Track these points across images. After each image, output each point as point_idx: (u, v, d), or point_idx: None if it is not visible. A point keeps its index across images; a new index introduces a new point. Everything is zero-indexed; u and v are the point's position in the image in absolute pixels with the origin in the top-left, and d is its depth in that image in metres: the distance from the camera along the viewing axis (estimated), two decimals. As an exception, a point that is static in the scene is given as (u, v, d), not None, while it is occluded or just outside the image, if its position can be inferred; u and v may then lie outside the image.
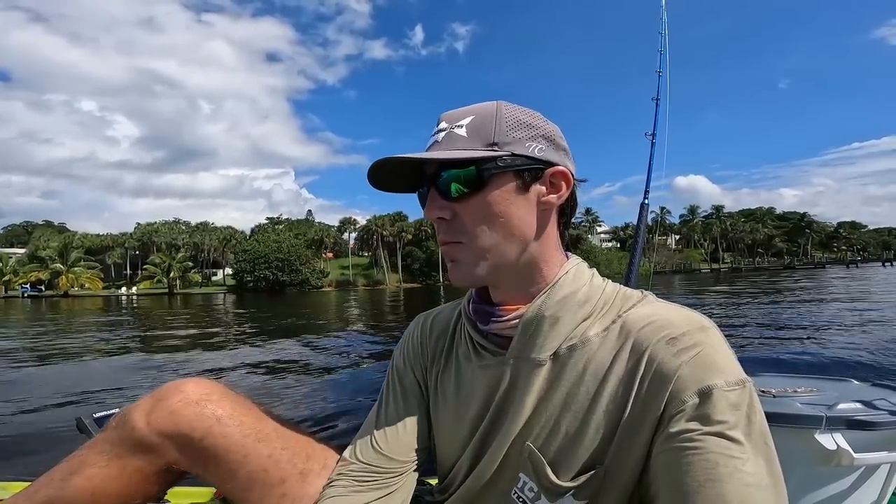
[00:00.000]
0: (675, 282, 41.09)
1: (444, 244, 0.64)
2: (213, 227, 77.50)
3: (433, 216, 0.63)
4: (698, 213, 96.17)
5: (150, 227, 72.04)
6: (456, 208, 0.61)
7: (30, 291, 58.09)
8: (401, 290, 56.39)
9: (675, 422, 0.52)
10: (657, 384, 0.54)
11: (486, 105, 0.63)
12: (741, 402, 0.51)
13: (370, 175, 0.62)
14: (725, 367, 0.53)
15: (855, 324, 8.89)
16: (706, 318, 0.59)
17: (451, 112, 0.65)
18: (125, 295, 57.15)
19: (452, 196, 0.61)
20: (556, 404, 0.61)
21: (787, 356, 6.12)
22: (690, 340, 0.55)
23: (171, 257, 63.52)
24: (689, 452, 0.49)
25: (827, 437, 1.11)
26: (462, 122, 0.62)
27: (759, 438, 0.50)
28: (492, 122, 0.61)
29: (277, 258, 59.70)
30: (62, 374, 7.09)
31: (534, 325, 0.62)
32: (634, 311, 0.62)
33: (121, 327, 15.12)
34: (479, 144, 0.60)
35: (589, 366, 0.60)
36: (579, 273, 0.65)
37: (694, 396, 0.51)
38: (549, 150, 0.62)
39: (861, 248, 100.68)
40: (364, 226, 74.05)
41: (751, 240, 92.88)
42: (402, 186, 0.67)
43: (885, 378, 2.31)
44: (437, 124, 0.64)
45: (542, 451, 0.60)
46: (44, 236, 70.28)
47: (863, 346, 6.50)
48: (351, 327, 13.45)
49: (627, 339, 0.59)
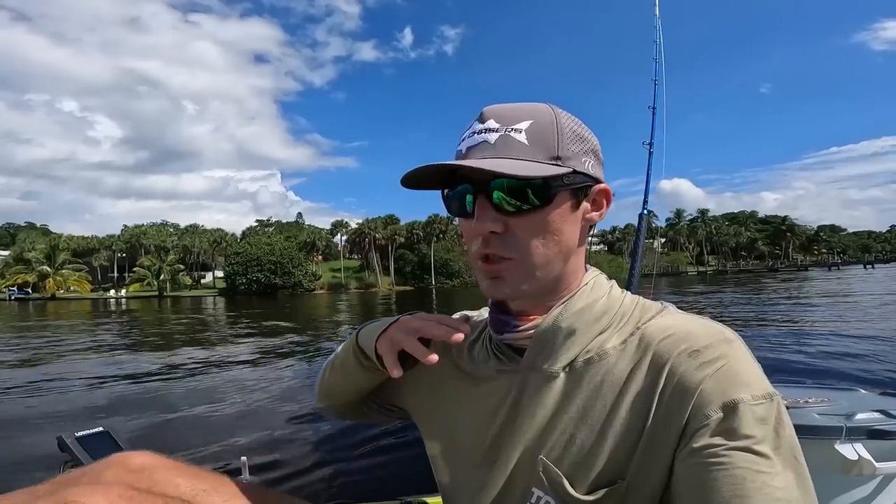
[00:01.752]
0: (663, 283, 41.95)
1: (486, 259, 0.60)
2: (202, 229, 77.18)
3: (485, 230, 0.58)
4: (684, 217, 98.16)
5: (138, 229, 71.43)
6: (509, 222, 0.58)
7: (17, 294, 57.36)
8: (393, 292, 56.76)
9: (698, 437, 0.50)
10: (679, 398, 0.53)
11: (541, 108, 0.59)
12: (768, 416, 0.50)
13: (409, 177, 0.59)
14: (751, 381, 0.51)
15: (850, 326, 9.32)
16: (729, 330, 0.57)
17: (499, 108, 0.59)
18: (114, 298, 56.69)
19: (510, 210, 0.57)
20: (572, 417, 0.59)
21: (789, 361, 6.28)
22: (714, 353, 0.53)
23: (161, 260, 63.09)
24: (714, 468, 0.48)
25: (847, 448, 1.11)
26: (519, 125, 0.57)
27: (787, 453, 0.49)
28: (553, 132, 0.57)
29: (270, 261, 59.72)
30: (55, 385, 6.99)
31: (549, 336, 0.61)
32: (654, 322, 0.60)
33: (127, 333, 15.30)
34: (543, 156, 0.56)
35: (606, 379, 0.58)
36: (598, 285, 0.64)
37: (718, 411, 0.50)
38: (596, 165, 0.61)
39: (841, 251, 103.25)
40: (356, 229, 74.09)
41: (734, 243, 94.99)
42: (431, 185, 0.63)
43: (890, 387, 2.71)
44: (482, 121, 0.59)
45: (557, 465, 0.58)
46: (29, 238, 69.21)
47: (860, 351, 6.74)
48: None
49: (647, 352, 0.57)
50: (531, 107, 0.59)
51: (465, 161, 0.56)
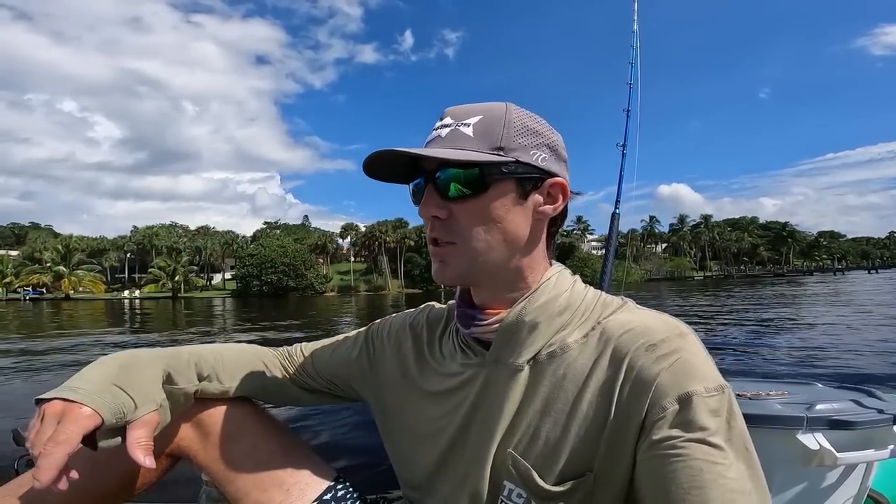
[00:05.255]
0: (663, 288, 42.43)
1: (435, 243, 0.63)
2: (213, 231, 77.95)
3: (428, 214, 0.61)
4: (687, 222, 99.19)
5: (149, 230, 72.25)
6: (452, 208, 0.60)
7: (31, 294, 57.82)
8: (402, 295, 57.48)
9: (657, 428, 0.52)
10: (637, 391, 0.54)
11: (495, 106, 0.62)
12: (721, 407, 0.52)
13: (366, 164, 0.60)
14: (704, 374, 0.53)
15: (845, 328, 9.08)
16: (684, 325, 0.59)
17: (457, 108, 0.63)
18: (128, 298, 57.27)
19: (451, 196, 0.59)
20: (536, 411, 0.60)
21: (761, 361, 6.03)
22: (669, 347, 0.55)
23: (175, 261, 63.70)
24: (672, 460, 0.50)
25: (809, 438, 1.13)
26: (469, 120, 0.60)
27: (739, 444, 0.51)
28: (500, 126, 0.59)
29: (283, 263, 60.45)
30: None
31: (513, 330, 0.62)
32: (614, 317, 0.62)
33: (167, 330, 15.80)
34: (485, 147, 0.58)
35: (568, 372, 0.59)
36: (561, 280, 0.65)
37: (674, 403, 0.52)
38: (551, 159, 0.62)
39: (840, 256, 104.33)
40: (366, 232, 75.01)
41: (736, 248, 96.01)
42: (396, 177, 0.65)
43: (847, 380, 2.88)
44: (441, 118, 0.62)
45: (525, 458, 0.59)
46: (40, 238, 69.74)
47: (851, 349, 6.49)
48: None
49: (607, 346, 0.59)
50: (488, 105, 0.62)
51: (400, 148, 0.57)
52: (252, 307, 32.17)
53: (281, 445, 0.79)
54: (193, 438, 0.78)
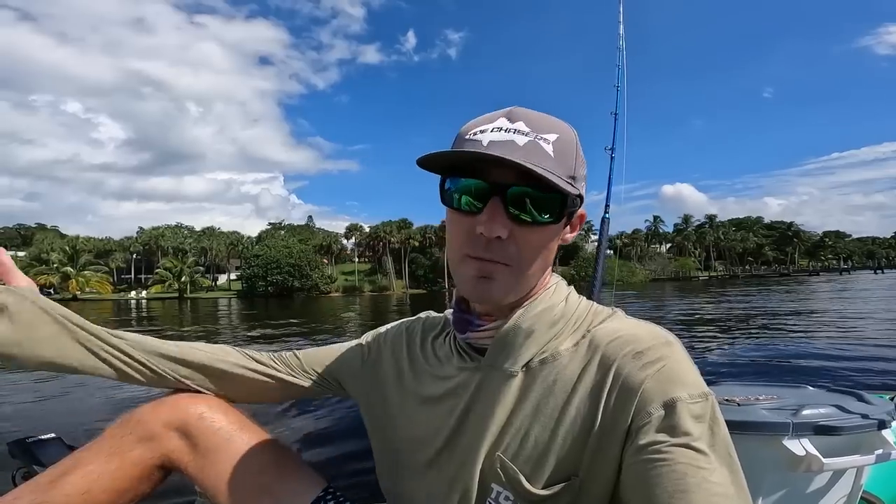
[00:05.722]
0: (666, 288, 42.30)
1: (485, 261, 0.58)
2: (219, 231, 78.36)
3: (492, 233, 0.56)
4: (692, 222, 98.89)
5: (155, 231, 72.65)
6: (515, 230, 0.57)
7: (39, 295, 58.10)
8: (406, 295, 57.69)
9: (642, 434, 0.53)
10: (624, 397, 0.56)
11: (565, 126, 0.60)
12: (704, 413, 0.53)
13: (433, 157, 0.57)
14: (689, 381, 0.55)
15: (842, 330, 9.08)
16: (670, 334, 0.60)
17: (527, 112, 0.59)
18: (135, 299, 57.78)
19: (521, 217, 0.57)
20: (527, 416, 0.61)
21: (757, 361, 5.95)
22: (655, 354, 0.57)
23: (182, 262, 64.13)
24: (657, 464, 0.51)
25: (795, 443, 1.13)
26: (548, 136, 0.57)
27: (722, 449, 0.52)
28: (573, 153, 0.58)
29: (289, 263, 60.76)
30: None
31: (509, 337, 0.63)
32: (603, 326, 0.63)
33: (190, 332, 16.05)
34: (562, 172, 0.56)
35: (559, 379, 0.61)
36: (557, 291, 0.67)
37: (659, 409, 0.53)
38: (583, 191, 0.62)
39: (846, 256, 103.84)
40: (370, 232, 75.16)
41: (741, 248, 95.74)
42: (437, 169, 0.62)
43: (839, 382, 2.74)
44: (512, 120, 0.58)
45: (514, 462, 0.61)
46: (47, 239, 70.35)
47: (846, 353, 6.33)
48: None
49: (595, 354, 0.60)
50: (557, 122, 0.60)
51: (497, 154, 0.53)
52: (258, 307, 32.53)
53: (271, 455, 0.81)
54: (184, 450, 0.79)
